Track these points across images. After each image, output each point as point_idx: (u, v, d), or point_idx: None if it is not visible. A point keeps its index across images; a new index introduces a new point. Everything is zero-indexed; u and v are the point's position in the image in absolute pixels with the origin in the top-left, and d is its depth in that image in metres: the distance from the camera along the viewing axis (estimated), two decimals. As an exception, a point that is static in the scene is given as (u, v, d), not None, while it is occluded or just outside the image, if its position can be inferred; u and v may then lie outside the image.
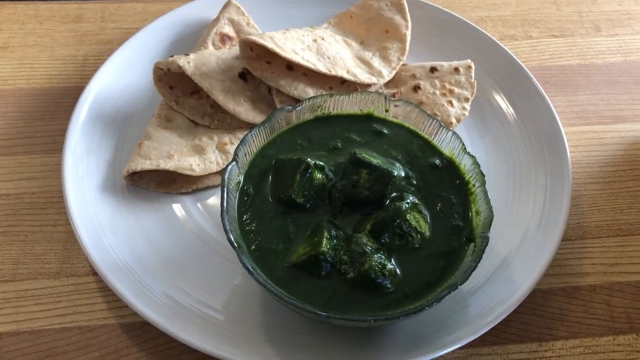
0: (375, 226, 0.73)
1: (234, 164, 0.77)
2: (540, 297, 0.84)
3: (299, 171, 0.76)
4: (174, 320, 0.75)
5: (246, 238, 0.74)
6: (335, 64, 0.97)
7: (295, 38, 0.96)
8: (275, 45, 0.91)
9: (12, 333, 0.78)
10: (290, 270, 0.72)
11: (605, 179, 0.97)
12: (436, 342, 0.74)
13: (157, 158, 0.88)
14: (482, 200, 0.76)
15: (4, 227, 0.87)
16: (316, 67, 0.94)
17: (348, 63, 0.98)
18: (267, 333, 0.75)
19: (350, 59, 1.00)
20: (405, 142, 0.83)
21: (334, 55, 0.97)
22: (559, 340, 0.80)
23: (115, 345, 0.77)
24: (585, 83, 1.10)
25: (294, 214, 0.76)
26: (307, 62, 0.93)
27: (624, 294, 0.85)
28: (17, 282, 0.82)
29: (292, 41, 0.95)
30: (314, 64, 0.94)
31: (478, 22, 1.16)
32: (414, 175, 0.80)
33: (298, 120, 0.84)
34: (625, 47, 1.17)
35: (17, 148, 0.96)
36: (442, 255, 0.74)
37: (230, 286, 0.80)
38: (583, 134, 1.03)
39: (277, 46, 0.91)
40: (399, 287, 0.71)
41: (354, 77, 0.96)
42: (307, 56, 0.95)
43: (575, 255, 0.88)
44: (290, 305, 0.68)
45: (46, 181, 0.92)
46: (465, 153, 0.80)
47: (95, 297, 0.81)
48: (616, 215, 0.93)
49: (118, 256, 0.80)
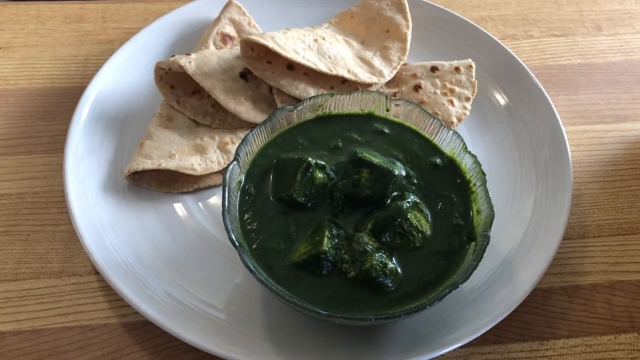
0: (377, 225, 0.73)
1: (235, 163, 0.77)
2: (541, 296, 0.84)
3: (300, 170, 0.76)
4: (175, 319, 0.75)
5: (247, 237, 0.74)
6: (336, 63, 0.97)
7: (296, 38, 0.96)
8: (276, 44, 0.92)
9: (14, 332, 0.78)
10: (291, 269, 0.72)
11: (606, 178, 0.97)
12: (437, 340, 0.74)
13: (158, 157, 0.88)
14: (483, 199, 0.76)
15: (6, 227, 0.88)
16: (317, 66, 0.94)
17: (349, 62, 0.98)
18: (268, 332, 0.76)
19: (351, 59, 1.00)
20: (406, 142, 0.83)
21: (334, 55, 0.98)
22: (560, 339, 0.80)
23: (117, 344, 0.77)
24: (586, 82, 1.10)
25: (295, 213, 0.76)
26: (308, 62, 0.93)
27: (625, 293, 0.85)
28: (19, 281, 0.82)
29: (293, 41, 0.95)
30: (315, 63, 0.94)
31: (479, 22, 1.16)
32: (414, 175, 0.80)
33: (299, 120, 0.84)
34: (627, 46, 1.17)
35: (19, 148, 0.96)
36: (443, 254, 0.74)
37: (231, 285, 0.80)
38: (584, 133, 1.03)
39: (278, 46, 0.92)
40: (400, 286, 0.71)
41: (355, 77, 0.96)
42: (308, 56, 0.95)
43: (576, 254, 0.88)
44: (292, 304, 0.68)
45: (48, 181, 0.92)
46: (466, 152, 0.80)
47: (96, 296, 0.81)
48: (617, 214, 0.93)
49: (119, 255, 0.81)
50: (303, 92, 0.95)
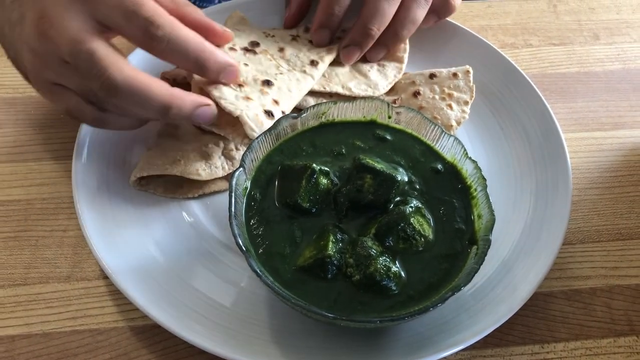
0: (380, 230, 0.75)
1: (241, 169, 0.78)
2: (542, 299, 0.85)
3: (305, 176, 0.78)
4: (183, 323, 0.76)
5: (254, 242, 0.76)
6: (330, 80, 0.99)
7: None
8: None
9: (24, 336, 0.79)
10: (297, 273, 0.73)
11: (605, 184, 0.99)
12: (441, 343, 0.75)
13: (164, 163, 0.90)
14: (483, 204, 0.77)
15: (15, 232, 0.89)
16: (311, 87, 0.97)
17: (343, 78, 1.00)
18: (274, 335, 0.77)
19: (347, 73, 1.02)
20: (407, 148, 0.85)
21: (328, 73, 1.00)
22: (560, 342, 0.82)
23: (125, 347, 0.79)
24: (584, 90, 1.12)
25: (300, 219, 0.78)
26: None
27: (624, 297, 0.86)
28: (29, 285, 0.84)
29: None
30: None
31: (479, 31, 1.18)
32: (416, 180, 0.81)
33: (303, 127, 0.86)
34: (624, 54, 1.19)
35: (28, 155, 0.98)
36: (445, 257, 0.75)
37: (237, 289, 0.82)
38: (582, 140, 1.05)
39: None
40: (404, 289, 0.72)
41: (349, 92, 0.98)
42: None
43: (576, 258, 0.90)
44: (297, 307, 0.70)
45: (56, 187, 0.94)
46: (466, 158, 0.82)
47: (105, 300, 0.83)
48: (616, 220, 0.94)
49: (127, 260, 0.82)
50: (303, 102, 0.97)
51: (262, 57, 0.98)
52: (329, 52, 1.01)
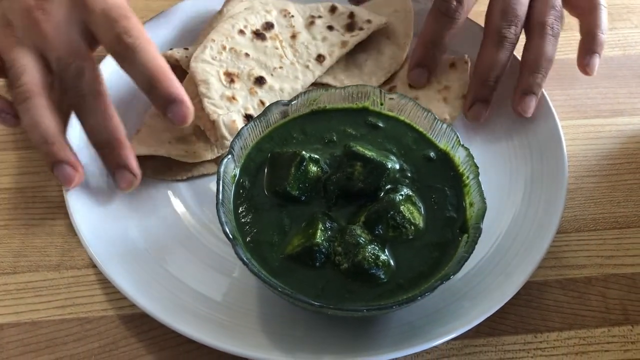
0: (369, 218, 0.74)
1: (230, 157, 0.77)
2: (536, 289, 0.84)
3: (294, 164, 0.77)
4: (171, 312, 0.75)
5: (242, 230, 0.75)
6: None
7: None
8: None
9: (12, 324, 0.79)
10: (285, 262, 0.73)
11: (602, 172, 0.98)
12: (431, 332, 0.74)
13: (152, 145, 0.89)
14: (475, 192, 0.76)
15: (5, 221, 0.89)
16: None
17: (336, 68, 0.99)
18: (263, 324, 0.76)
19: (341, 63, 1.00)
20: (400, 135, 0.84)
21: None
22: (554, 331, 0.81)
23: (114, 336, 0.78)
24: (583, 77, 1.09)
25: (289, 207, 0.77)
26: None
27: (620, 286, 0.85)
28: (18, 274, 0.83)
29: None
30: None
31: (476, 17, 1.15)
32: (408, 168, 0.80)
33: (293, 114, 0.85)
34: (624, 40, 1.17)
35: (18, 143, 0.97)
36: (435, 246, 0.74)
37: (227, 278, 0.81)
38: (580, 127, 1.03)
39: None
40: (393, 277, 0.72)
41: (341, 83, 0.97)
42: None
43: (571, 247, 0.89)
44: (284, 295, 0.69)
45: (46, 175, 0.93)
46: (459, 145, 0.80)
47: (94, 289, 0.82)
48: (613, 208, 0.93)
49: (116, 249, 0.81)
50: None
51: (268, 45, 0.97)
52: (341, 46, 0.99)
